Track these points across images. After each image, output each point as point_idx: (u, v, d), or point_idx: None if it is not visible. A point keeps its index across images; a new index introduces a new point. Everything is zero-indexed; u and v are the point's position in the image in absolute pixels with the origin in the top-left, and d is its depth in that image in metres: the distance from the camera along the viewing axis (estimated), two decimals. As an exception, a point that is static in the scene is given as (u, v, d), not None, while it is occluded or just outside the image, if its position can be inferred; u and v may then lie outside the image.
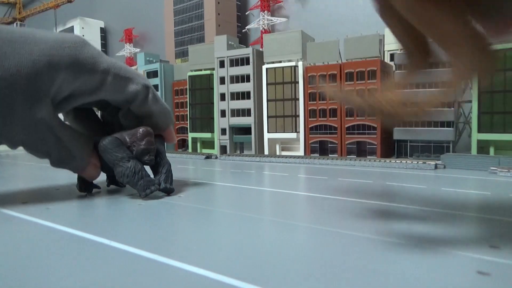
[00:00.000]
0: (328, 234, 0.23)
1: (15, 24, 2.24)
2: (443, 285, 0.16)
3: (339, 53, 0.74)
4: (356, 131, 0.71)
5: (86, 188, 0.38)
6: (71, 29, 1.76)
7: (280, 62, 0.79)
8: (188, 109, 0.94)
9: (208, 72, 0.89)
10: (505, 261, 0.18)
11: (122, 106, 0.38)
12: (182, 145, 1.01)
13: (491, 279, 0.16)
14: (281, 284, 0.16)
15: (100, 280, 0.17)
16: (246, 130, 0.84)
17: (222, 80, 0.86)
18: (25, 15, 2.18)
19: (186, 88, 0.94)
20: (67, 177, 0.50)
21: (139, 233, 0.24)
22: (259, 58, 0.82)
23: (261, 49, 0.87)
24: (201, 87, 0.91)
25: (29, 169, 0.61)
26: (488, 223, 0.26)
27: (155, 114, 0.38)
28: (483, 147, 0.61)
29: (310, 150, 0.76)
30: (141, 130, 0.35)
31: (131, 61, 1.56)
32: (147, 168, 0.36)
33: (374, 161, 0.60)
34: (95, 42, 1.77)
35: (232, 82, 0.85)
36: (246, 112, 0.83)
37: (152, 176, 0.37)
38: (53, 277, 0.17)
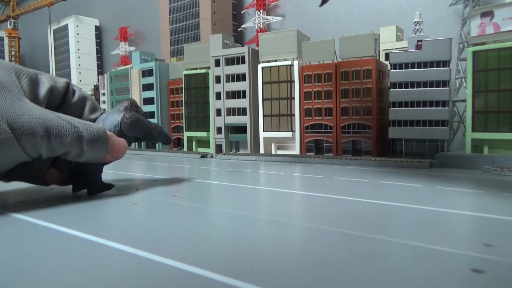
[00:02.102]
0: (323, 232, 0.23)
1: (8, 22, 2.22)
2: (438, 283, 0.16)
3: (335, 52, 0.74)
4: (351, 130, 0.71)
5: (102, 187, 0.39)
6: (65, 27, 1.75)
7: (276, 61, 0.79)
8: (183, 108, 0.93)
9: (203, 71, 0.89)
10: (499, 258, 0.18)
11: None
12: (178, 144, 1.01)
13: (485, 276, 0.16)
14: (277, 282, 0.16)
15: (95, 279, 0.17)
16: (241, 129, 0.84)
17: (217, 79, 0.86)
18: (18, 13, 2.16)
19: (182, 87, 0.94)
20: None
21: (134, 232, 0.24)
22: (255, 57, 0.82)
23: (256, 48, 0.87)
24: (197, 86, 0.91)
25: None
26: (482, 221, 0.26)
27: None
28: (477, 146, 0.62)
29: (305, 149, 0.76)
30: None
31: (126, 59, 1.55)
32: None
33: (369, 160, 0.60)
34: (90, 40, 1.76)
35: (227, 81, 0.85)
36: (241, 111, 0.83)
37: None
38: (47, 276, 0.17)
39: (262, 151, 0.80)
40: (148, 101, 1.04)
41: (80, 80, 1.72)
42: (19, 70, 0.32)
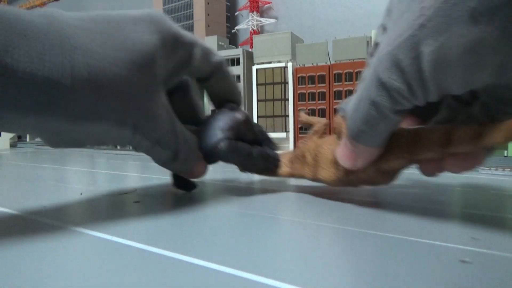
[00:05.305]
0: (317, 228, 0.24)
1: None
2: (430, 272, 0.17)
3: (328, 54, 0.75)
4: (344, 131, 0.72)
5: (185, 185, 0.37)
6: (57, 28, 1.74)
7: (270, 63, 0.80)
8: (178, 109, 0.94)
9: (198, 72, 0.90)
10: (485, 250, 0.20)
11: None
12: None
13: (473, 266, 0.18)
14: (276, 272, 0.17)
15: (102, 271, 0.17)
16: (236, 130, 0.85)
17: (212, 80, 0.87)
18: (9, 13, 2.14)
19: (176, 88, 0.94)
20: (59, 176, 0.50)
21: (138, 228, 0.25)
22: (249, 58, 0.83)
23: (250, 50, 0.88)
24: (191, 87, 0.91)
25: (19, 169, 0.60)
26: (470, 217, 0.27)
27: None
28: (466, 146, 0.63)
29: (299, 149, 0.77)
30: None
31: (119, 60, 1.55)
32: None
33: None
34: (82, 41, 1.75)
35: (222, 82, 0.85)
36: (236, 112, 0.84)
37: None
38: (57, 272, 0.18)
39: (256, 151, 0.81)
40: (142, 102, 1.04)
41: (73, 81, 1.71)
42: None
